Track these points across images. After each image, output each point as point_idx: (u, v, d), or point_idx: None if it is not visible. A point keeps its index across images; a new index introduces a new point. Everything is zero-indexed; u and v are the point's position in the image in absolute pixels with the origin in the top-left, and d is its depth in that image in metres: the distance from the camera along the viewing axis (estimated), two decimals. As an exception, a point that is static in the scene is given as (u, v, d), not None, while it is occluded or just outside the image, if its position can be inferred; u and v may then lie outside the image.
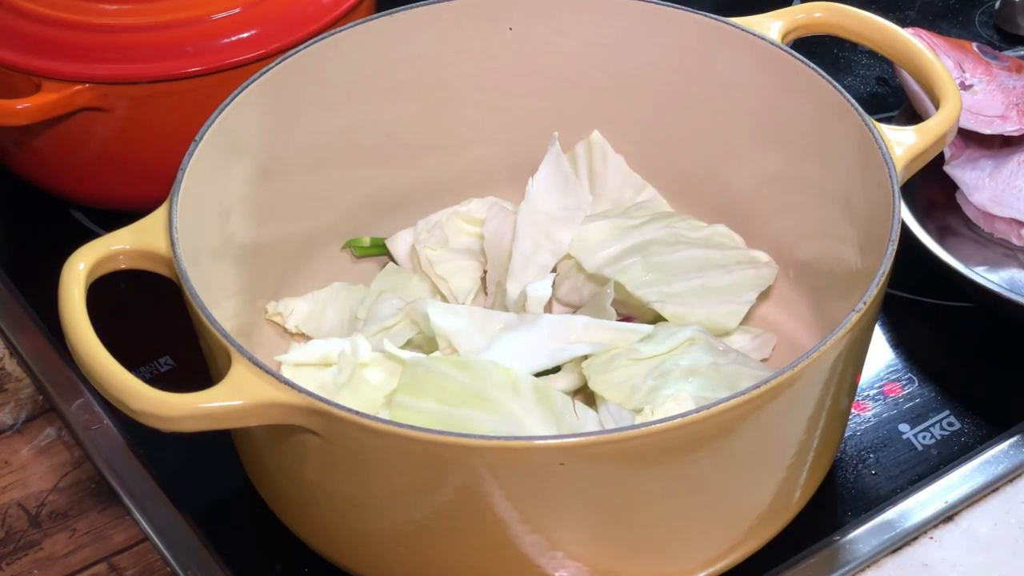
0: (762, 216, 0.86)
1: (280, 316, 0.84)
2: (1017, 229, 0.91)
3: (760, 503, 0.71)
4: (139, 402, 0.64)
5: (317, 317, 0.84)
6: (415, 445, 0.62)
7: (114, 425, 0.81)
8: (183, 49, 0.87)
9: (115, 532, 0.78)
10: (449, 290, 0.86)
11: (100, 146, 0.90)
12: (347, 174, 0.87)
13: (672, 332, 0.77)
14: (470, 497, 0.65)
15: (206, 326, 0.67)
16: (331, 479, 0.68)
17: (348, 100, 0.84)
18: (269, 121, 0.80)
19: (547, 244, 0.84)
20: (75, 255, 0.69)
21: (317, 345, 0.77)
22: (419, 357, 0.74)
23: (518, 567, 0.68)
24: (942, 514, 0.77)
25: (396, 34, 0.84)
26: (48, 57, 0.86)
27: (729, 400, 0.63)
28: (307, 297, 0.85)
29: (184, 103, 0.87)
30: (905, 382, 0.84)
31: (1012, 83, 0.95)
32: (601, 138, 0.89)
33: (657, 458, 0.64)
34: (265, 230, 0.82)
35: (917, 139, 0.76)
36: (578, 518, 0.67)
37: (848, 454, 0.80)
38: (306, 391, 0.63)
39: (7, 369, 0.87)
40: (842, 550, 0.76)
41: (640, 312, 0.82)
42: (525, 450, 0.63)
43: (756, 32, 0.82)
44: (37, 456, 0.82)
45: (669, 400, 0.74)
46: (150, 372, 0.85)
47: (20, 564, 0.77)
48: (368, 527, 0.70)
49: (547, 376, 0.78)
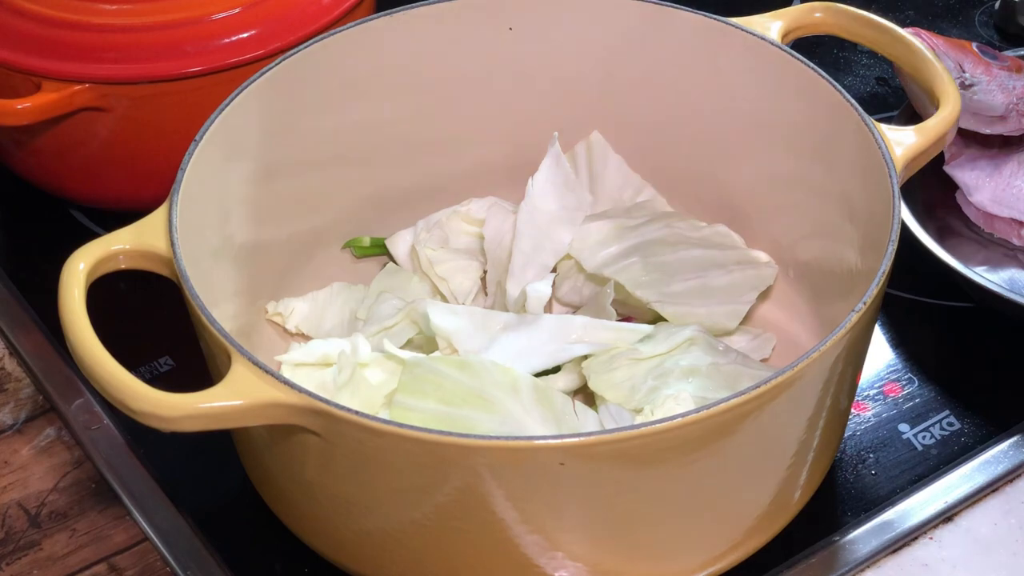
0: (762, 216, 0.86)
1: (280, 316, 0.84)
2: (1017, 229, 0.91)
3: (760, 503, 0.71)
4: (139, 402, 0.64)
5: (317, 317, 0.84)
6: (415, 445, 0.62)
7: (114, 425, 0.82)
8: (183, 49, 0.87)
9: (115, 532, 0.78)
10: (449, 290, 0.86)
11: (100, 146, 0.90)
12: (347, 174, 0.87)
13: (672, 332, 0.77)
14: (470, 497, 0.65)
15: (206, 326, 0.67)
16: (331, 479, 0.68)
17: (348, 100, 0.84)
18: (269, 121, 0.80)
19: (547, 244, 0.84)
20: (75, 255, 0.69)
21: (317, 345, 0.77)
22: (419, 357, 0.74)
23: (518, 567, 0.68)
24: (942, 514, 0.77)
25: (396, 34, 0.84)
26: (48, 57, 0.86)
27: (729, 400, 0.63)
28: (307, 297, 0.85)
29: (184, 103, 0.87)
30: (905, 382, 0.84)
31: (1012, 83, 0.95)
32: (601, 138, 0.89)
33: (657, 458, 0.64)
34: (265, 230, 0.82)
35: (917, 139, 0.76)
36: (578, 518, 0.67)
37: (848, 454, 0.80)
38: (306, 391, 0.63)
39: (7, 369, 0.87)
40: (842, 550, 0.76)
41: (640, 312, 0.82)
42: (525, 450, 0.63)
43: (756, 32, 0.82)
44: (37, 456, 0.82)
45: (669, 400, 0.74)
46: (150, 372, 0.85)
47: (20, 564, 0.77)
48: (368, 527, 0.70)
49: (547, 376, 0.78)
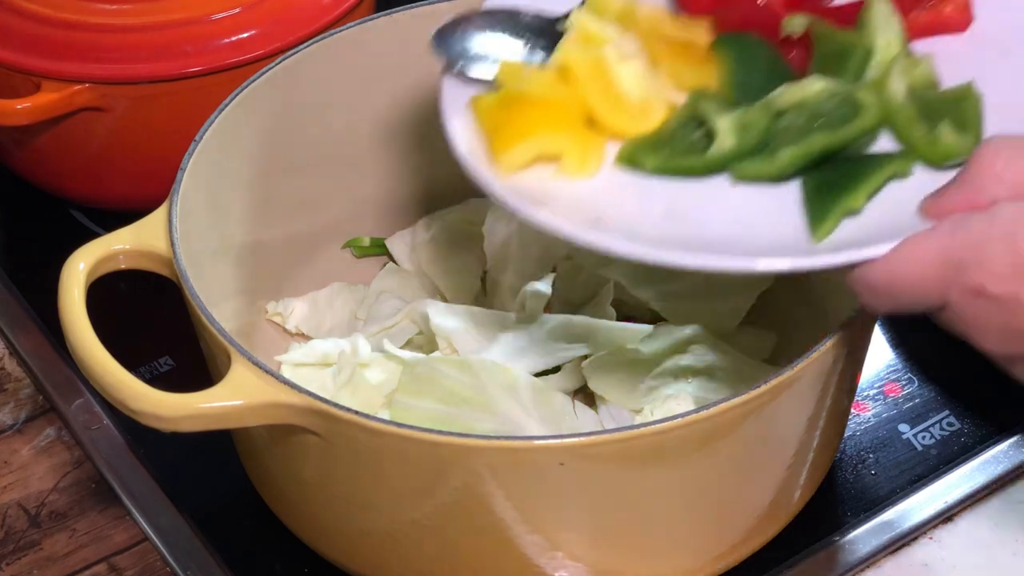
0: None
1: (280, 316, 0.84)
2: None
3: (760, 503, 0.71)
4: (139, 402, 0.64)
5: (317, 317, 0.84)
6: (415, 445, 0.62)
7: (114, 425, 0.81)
8: (183, 49, 0.87)
9: (115, 532, 0.78)
10: (449, 290, 0.86)
11: (100, 146, 0.90)
12: (347, 174, 0.86)
13: (672, 332, 0.77)
14: (470, 497, 0.65)
15: (206, 326, 0.67)
16: (331, 479, 0.68)
17: (348, 100, 0.84)
18: (269, 121, 0.80)
19: (548, 243, 0.84)
20: (75, 255, 0.69)
21: (317, 345, 0.77)
22: (419, 357, 0.74)
23: (518, 567, 0.68)
24: (942, 514, 0.77)
25: (396, 34, 0.84)
26: (48, 57, 0.86)
27: (729, 400, 0.63)
28: (307, 297, 0.85)
29: (184, 103, 0.87)
30: (905, 382, 0.84)
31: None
32: None
33: (657, 458, 0.64)
34: (265, 230, 0.82)
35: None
36: (578, 518, 0.67)
37: (848, 454, 0.80)
38: (306, 391, 0.63)
39: (7, 369, 0.87)
40: (842, 550, 0.76)
41: (640, 312, 0.82)
42: (525, 450, 0.63)
43: (756, 32, 0.82)
44: (37, 456, 0.82)
45: (669, 400, 0.74)
46: (150, 372, 0.85)
47: (20, 564, 0.76)
48: (368, 527, 0.70)
49: (547, 376, 0.78)
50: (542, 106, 0.66)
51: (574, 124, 0.66)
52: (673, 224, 0.63)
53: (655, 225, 0.63)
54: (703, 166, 0.64)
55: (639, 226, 0.63)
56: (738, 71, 0.67)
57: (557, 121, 0.65)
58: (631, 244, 0.61)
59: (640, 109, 0.66)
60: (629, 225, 0.63)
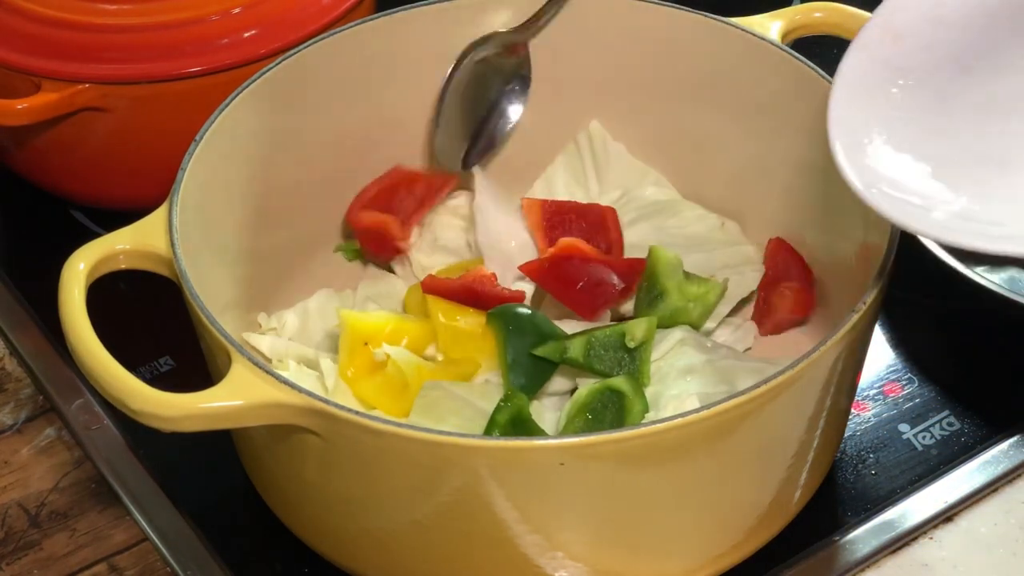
0: (762, 215, 0.86)
1: (274, 331, 0.83)
2: (1017, 229, 0.91)
3: (760, 503, 0.71)
4: (139, 402, 0.64)
5: (308, 328, 0.83)
6: (415, 445, 0.62)
7: (114, 425, 0.81)
8: (183, 49, 0.87)
9: (115, 532, 0.78)
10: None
11: (100, 146, 0.90)
12: (347, 173, 0.86)
13: (662, 336, 0.78)
14: (470, 497, 0.65)
15: (206, 326, 0.67)
16: (331, 479, 0.68)
17: (348, 100, 0.84)
18: (269, 121, 0.80)
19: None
20: (75, 255, 0.69)
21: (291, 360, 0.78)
22: (435, 381, 0.74)
23: (518, 567, 0.68)
24: (942, 514, 0.77)
25: (396, 34, 0.84)
26: (48, 57, 0.86)
27: (729, 400, 0.63)
28: (297, 308, 0.83)
29: (184, 103, 0.87)
30: (905, 382, 0.84)
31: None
32: (600, 127, 0.89)
33: (657, 458, 0.64)
34: (265, 230, 0.82)
35: (917, 139, 0.76)
36: (578, 518, 0.67)
37: (848, 454, 0.80)
38: (306, 391, 0.63)
39: (7, 369, 0.87)
40: (842, 550, 0.76)
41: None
42: (525, 450, 0.63)
43: (756, 32, 0.82)
44: (37, 456, 0.82)
45: (673, 401, 0.74)
46: (150, 372, 0.85)
47: (20, 564, 0.77)
48: (368, 527, 0.70)
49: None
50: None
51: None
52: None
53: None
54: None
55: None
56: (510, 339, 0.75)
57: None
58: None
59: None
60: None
